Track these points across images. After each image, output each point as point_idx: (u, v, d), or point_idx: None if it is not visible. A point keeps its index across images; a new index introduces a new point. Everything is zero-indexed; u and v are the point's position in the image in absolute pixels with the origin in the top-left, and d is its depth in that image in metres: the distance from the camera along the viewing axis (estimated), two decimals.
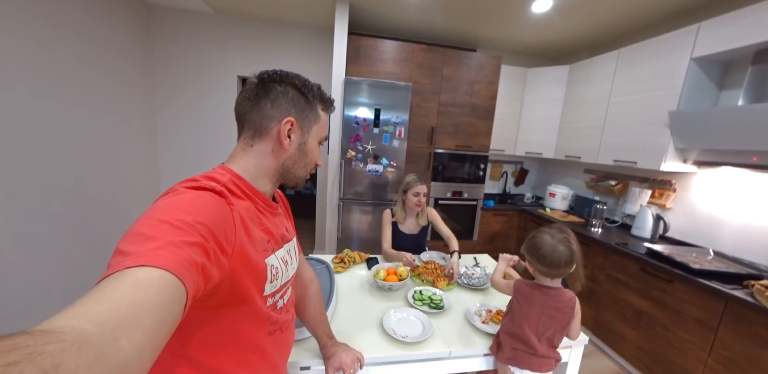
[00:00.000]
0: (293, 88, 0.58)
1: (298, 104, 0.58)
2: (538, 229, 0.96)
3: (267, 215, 0.60)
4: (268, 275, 0.55)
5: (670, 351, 1.58)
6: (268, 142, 0.58)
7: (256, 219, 0.55)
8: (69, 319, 0.24)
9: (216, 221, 0.43)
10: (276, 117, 0.57)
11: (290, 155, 0.60)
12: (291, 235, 0.70)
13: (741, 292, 1.35)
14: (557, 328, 0.92)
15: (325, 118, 0.65)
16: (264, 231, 0.56)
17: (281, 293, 0.62)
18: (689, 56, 1.82)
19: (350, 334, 1.02)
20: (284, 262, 0.62)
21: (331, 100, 0.66)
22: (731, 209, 1.80)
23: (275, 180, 0.62)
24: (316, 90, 0.62)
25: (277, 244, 0.61)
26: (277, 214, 0.65)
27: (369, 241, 2.63)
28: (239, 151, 0.59)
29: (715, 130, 1.69)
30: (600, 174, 2.65)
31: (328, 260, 1.59)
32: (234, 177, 0.55)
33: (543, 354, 0.92)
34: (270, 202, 0.62)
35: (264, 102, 0.56)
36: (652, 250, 1.77)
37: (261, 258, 0.54)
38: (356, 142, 2.45)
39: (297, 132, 0.59)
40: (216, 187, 0.48)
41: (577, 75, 2.68)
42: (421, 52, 2.55)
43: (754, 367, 1.27)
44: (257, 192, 0.58)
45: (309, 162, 0.64)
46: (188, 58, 2.72)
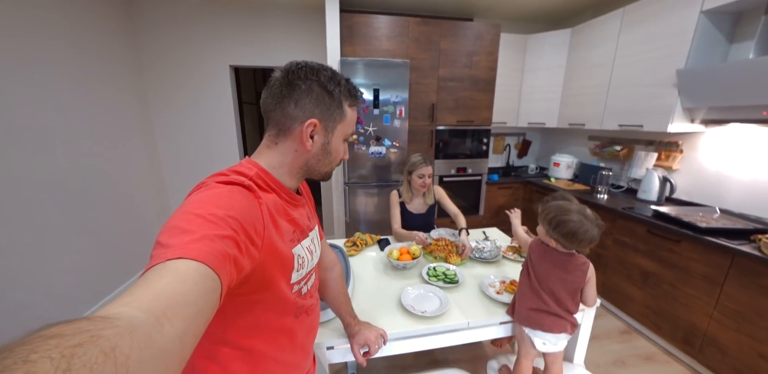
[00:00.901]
0: (318, 86, 0.56)
1: (323, 103, 0.57)
2: (561, 204, 0.92)
3: (292, 207, 0.61)
4: (295, 264, 0.58)
5: (676, 307, 1.64)
6: (291, 141, 0.58)
7: (282, 211, 0.57)
8: (121, 306, 0.26)
9: (246, 215, 0.45)
10: (299, 118, 0.56)
11: (314, 155, 0.60)
12: (314, 223, 0.72)
13: (748, 247, 1.38)
14: (568, 290, 0.94)
15: (352, 115, 0.63)
16: (290, 222, 0.59)
17: (306, 280, 0.65)
18: (699, 9, 1.72)
19: (371, 313, 1.07)
20: (309, 251, 0.64)
21: (360, 95, 0.64)
22: (738, 166, 1.79)
23: (300, 176, 0.63)
24: (343, 85, 0.59)
25: (303, 234, 0.63)
26: (302, 206, 0.66)
27: (377, 223, 2.68)
28: (264, 148, 0.60)
29: (724, 86, 1.63)
30: (604, 140, 2.61)
31: (341, 244, 1.63)
32: (260, 171, 0.56)
33: (555, 311, 0.96)
34: (294, 195, 0.63)
35: (287, 102, 0.55)
36: (659, 212, 1.78)
37: (288, 249, 0.56)
38: (357, 125, 2.41)
39: (320, 132, 0.58)
40: (245, 181, 0.50)
41: (580, 38, 2.55)
42: (416, 26, 2.43)
43: (759, 316, 1.33)
44: (282, 187, 0.59)
45: (333, 160, 0.64)
46: (176, 50, 2.62)
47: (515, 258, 1.46)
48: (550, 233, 0.92)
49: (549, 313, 0.96)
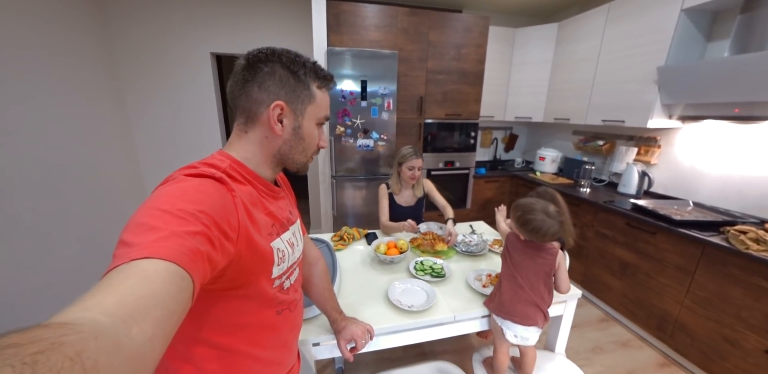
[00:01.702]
0: (281, 67, 0.54)
1: (288, 84, 0.54)
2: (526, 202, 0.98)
3: (270, 199, 0.59)
4: (275, 258, 0.56)
5: (651, 295, 1.72)
6: (260, 128, 0.56)
7: (259, 203, 0.55)
8: (82, 311, 0.25)
9: (218, 208, 0.43)
10: (264, 101, 0.53)
11: (285, 141, 0.58)
12: (295, 217, 0.70)
13: (717, 238, 1.45)
14: (540, 275, 0.98)
15: (322, 97, 0.60)
16: (268, 215, 0.57)
17: (288, 274, 0.63)
18: (680, 7, 1.75)
19: (358, 308, 1.06)
20: (290, 245, 0.63)
21: (329, 76, 0.61)
22: (711, 161, 1.87)
23: (274, 165, 0.61)
24: (309, 66, 0.57)
25: (283, 227, 0.61)
26: (280, 198, 0.64)
27: (365, 217, 2.67)
28: (235, 138, 0.57)
29: (700, 83, 1.69)
30: (588, 135, 2.66)
31: (328, 239, 1.61)
32: (233, 162, 0.54)
33: (529, 298, 0.98)
34: (272, 187, 0.61)
35: (251, 85, 0.53)
36: (637, 205, 1.84)
37: (267, 243, 0.54)
38: (344, 117, 2.37)
39: (289, 116, 0.56)
40: (215, 173, 0.48)
41: (566, 33, 2.57)
42: (405, 16, 2.37)
43: (724, 303, 1.42)
44: (258, 177, 0.57)
45: (308, 146, 0.61)
46: (152, 36, 2.47)
47: (500, 251, 1.48)
48: (519, 230, 0.99)
49: (524, 301, 0.99)
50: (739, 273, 1.36)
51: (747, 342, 1.35)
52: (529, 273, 0.99)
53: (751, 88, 1.51)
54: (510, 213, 1.02)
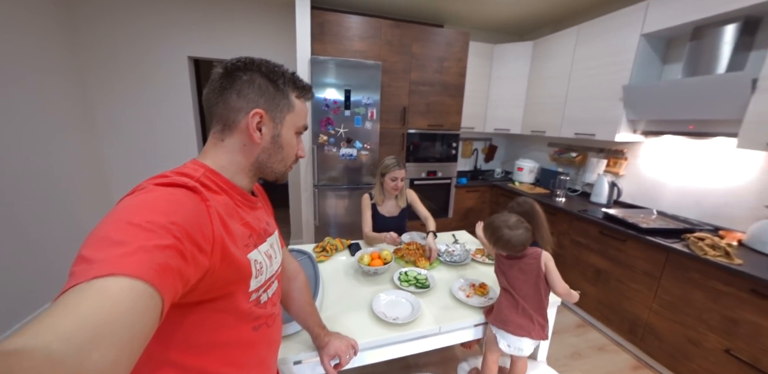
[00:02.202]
0: (260, 76, 0.54)
1: (267, 93, 0.55)
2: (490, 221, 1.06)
3: (246, 209, 0.58)
4: (252, 271, 0.54)
5: (623, 301, 1.80)
6: (238, 136, 0.55)
7: (235, 214, 0.53)
8: (34, 337, 0.23)
9: (190, 219, 0.41)
10: (243, 109, 0.53)
11: (264, 149, 0.57)
12: (273, 228, 0.68)
13: (679, 245, 1.55)
14: (530, 282, 1.01)
15: (301, 106, 0.61)
16: (245, 225, 0.55)
17: (265, 287, 0.61)
18: (639, 32, 1.91)
19: (341, 322, 1.04)
20: (268, 257, 0.61)
21: (307, 87, 0.62)
22: (671, 173, 2.02)
23: (252, 175, 0.60)
24: (288, 76, 0.58)
25: (260, 239, 0.59)
26: (257, 208, 0.62)
27: (348, 227, 2.64)
28: (211, 146, 0.56)
29: (659, 102, 1.84)
30: (562, 147, 2.81)
31: (310, 250, 1.58)
32: (208, 171, 0.52)
33: (523, 308, 1.01)
34: (248, 196, 0.59)
35: (229, 93, 0.53)
36: (608, 214, 1.95)
37: (243, 254, 0.52)
38: (327, 126, 2.36)
39: (268, 124, 0.56)
40: (188, 182, 0.45)
41: (541, 51, 2.72)
42: (389, 28, 2.43)
43: (687, 306, 1.51)
44: (234, 187, 0.55)
45: (286, 155, 0.61)
46: (124, 36, 2.37)
47: (484, 261, 1.51)
48: (494, 248, 1.05)
49: (519, 312, 1.01)
50: (699, 278, 1.46)
51: (708, 342, 1.43)
52: (521, 284, 1.02)
53: (701, 107, 1.67)
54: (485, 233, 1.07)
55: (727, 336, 1.37)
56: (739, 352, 1.33)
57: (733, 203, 1.73)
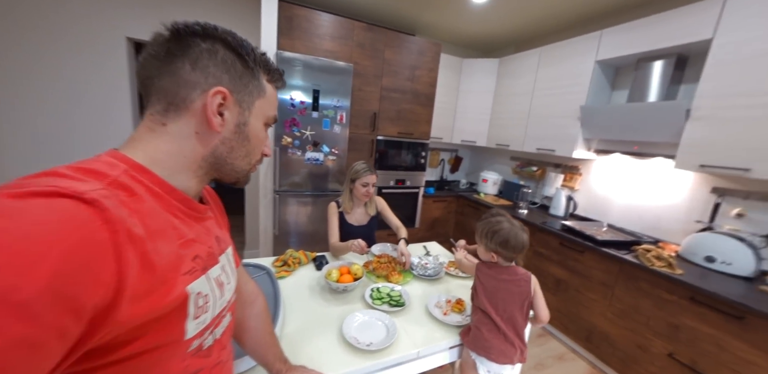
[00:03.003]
0: (225, 47, 0.42)
1: (233, 70, 0.43)
2: (491, 218, 1.02)
3: (190, 222, 0.43)
4: (190, 309, 0.39)
5: (581, 309, 1.88)
6: (188, 119, 0.41)
7: (170, 231, 0.38)
8: None
9: (70, 267, 0.26)
10: (200, 84, 0.40)
11: (224, 139, 0.44)
12: (226, 244, 0.53)
13: (630, 256, 1.66)
14: (516, 303, 0.97)
15: (273, 93, 0.50)
16: (185, 245, 0.40)
17: (212, 327, 0.46)
18: (594, 58, 2.09)
19: (306, 351, 0.89)
20: (219, 284, 0.46)
21: (280, 71, 0.50)
22: (618, 189, 2.20)
23: (203, 173, 0.45)
24: (258, 54, 0.46)
25: (210, 261, 0.44)
26: (206, 218, 0.48)
27: (311, 236, 2.45)
28: (145, 132, 0.41)
29: (609, 123, 2.01)
30: (524, 161, 2.95)
31: (268, 264, 1.39)
32: (133, 168, 0.37)
33: (505, 333, 0.95)
34: (194, 204, 0.44)
35: (180, 62, 0.40)
36: (568, 226, 2.05)
37: (180, 287, 0.37)
38: (292, 128, 2.19)
39: (233, 108, 0.44)
40: (81, 191, 0.29)
41: (506, 68, 2.87)
42: (362, 31, 2.36)
43: (637, 313, 1.60)
44: (173, 191, 0.40)
45: (252, 149, 0.49)
46: (45, 9, 1.97)
47: (457, 274, 1.46)
48: (488, 245, 0.98)
49: (501, 338, 0.95)
50: (647, 287, 1.57)
51: (654, 347, 1.53)
52: (506, 306, 0.96)
53: (643, 130, 1.86)
54: (476, 236, 1.00)
55: (670, 341, 1.48)
56: (680, 356, 1.44)
57: (670, 218, 1.92)
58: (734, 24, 1.47)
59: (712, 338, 1.33)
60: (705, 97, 1.57)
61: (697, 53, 1.70)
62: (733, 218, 1.66)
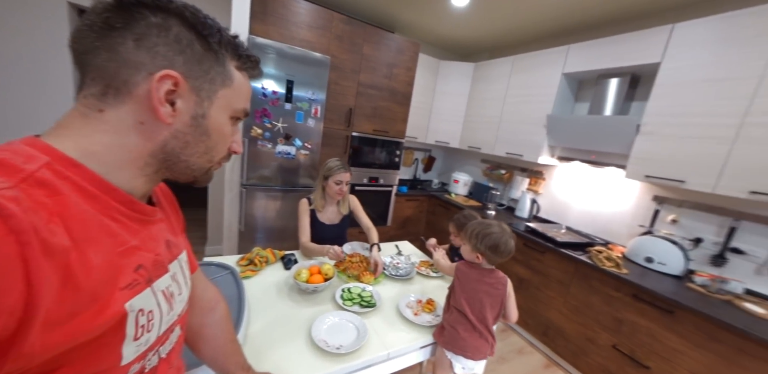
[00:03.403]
0: (181, 23, 0.35)
1: (190, 51, 0.36)
2: (479, 221, 1.05)
3: (134, 226, 0.37)
4: (129, 330, 0.34)
5: (539, 306, 2.00)
6: (132, 107, 0.35)
7: (104, 237, 0.32)
8: None
9: None
10: (145, 66, 0.34)
11: (177, 133, 0.38)
12: (179, 249, 0.48)
13: (584, 257, 1.79)
14: (492, 304, 1.00)
15: (243, 83, 0.43)
16: (124, 254, 0.34)
17: (156, 347, 0.40)
18: (561, 70, 2.21)
19: (271, 356, 0.85)
20: (167, 298, 0.41)
21: (254, 57, 0.44)
22: (576, 194, 2.37)
23: (152, 171, 0.39)
24: (226, 36, 0.40)
25: (156, 270, 0.39)
26: (156, 222, 0.42)
27: (279, 232, 2.36)
28: (77, 119, 0.34)
29: (570, 132, 2.16)
30: (493, 164, 3.07)
31: (233, 263, 1.31)
32: (59, 162, 0.30)
33: (479, 330, 0.98)
34: (138, 205, 0.38)
35: (121, 37, 0.33)
36: (530, 228, 2.16)
37: (116, 304, 0.32)
38: (263, 118, 2.07)
39: (188, 97, 0.37)
40: None
41: (480, 73, 2.95)
42: (340, 23, 2.29)
43: (589, 309, 1.74)
44: (112, 189, 0.34)
45: (214, 146, 0.42)
46: None
47: (428, 274, 1.48)
48: (477, 246, 0.98)
49: (476, 336, 0.98)
50: (598, 285, 1.70)
51: (601, 339, 1.67)
52: (482, 306, 0.98)
53: (599, 140, 2.01)
54: (464, 235, 1.01)
55: (614, 333, 1.62)
56: (622, 347, 1.58)
57: (618, 222, 2.11)
58: (678, 51, 1.64)
59: (649, 330, 1.48)
60: (652, 115, 1.73)
61: (648, 74, 1.86)
62: (669, 223, 1.85)
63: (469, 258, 1.02)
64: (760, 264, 1.54)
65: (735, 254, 1.60)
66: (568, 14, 2.19)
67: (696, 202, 1.75)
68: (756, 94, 1.38)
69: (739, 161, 1.42)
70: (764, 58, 1.36)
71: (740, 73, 1.43)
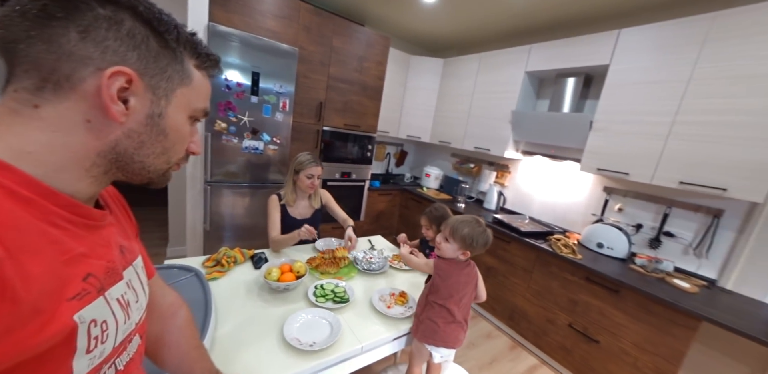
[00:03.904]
0: (135, 18, 0.33)
1: (144, 47, 0.34)
2: (456, 217, 1.08)
3: (80, 233, 0.34)
4: (80, 343, 0.32)
5: (506, 293, 2.13)
6: (75, 103, 0.32)
7: (45, 245, 0.30)
8: None
9: None
10: (93, 60, 0.31)
11: (131, 132, 0.36)
12: (133, 254, 0.45)
13: (545, 244, 1.93)
14: (469, 292, 1.06)
15: (202, 82, 0.42)
16: (70, 263, 0.32)
17: (114, 359, 0.39)
18: (524, 69, 2.32)
19: (242, 358, 0.83)
20: (123, 306, 0.39)
21: (213, 56, 0.42)
22: (538, 186, 2.52)
23: (100, 172, 0.36)
24: (184, 33, 0.38)
25: (109, 278, 0.37)
26: (105, 226, 0.39)
27: (248, 230, 2.28)
28: (5, 115, 0.31)
29: (531, 128, 2.28)
30: (463, 158, 3.17)
31: (197, 264, 1.25)
32: None
33: (459, 321, 1.03)
34: (85, 210, 0.35)
35: (62, 28, 0.30)
36: (498, 219, 2.28)
37: (63, 317, 0.30)
38: (227, 111, 1.97)
39: (143, 95, 0.35)
40: None
41: (450, 69, 3.00)
42: (308, 14, 2.21)
43: (549, 293, 1.88)
44: (53, 195, 0.31)
45: (172, 146, 0.41)
46: None
47: (401, 267, 1.51)
48: (455, 238, 1.02)
49: (454, 326, 1.02)
50: (557, 270, 1.84)
51: (559, 320, 1.82)
52: (462, 295, 1.03)
53: (557, 136, 2.15)
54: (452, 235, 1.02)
55: (570, 313, 1.77)
56: (576, 325, 1.74)
57: (575, 211, 2.28)
58: (624, 54, 1.79)
59: (599, 308, 1.64)
60: (602, 113, 1.88)
61: (600, 75, 2.00)
62: (616, 212, 2.04)
63: (453, 256, 1.04)
64: (686, 245, 1.75)
65: (667, 237, 1.81)
66: (531, 15, 2.29)
67: (638, 192, 1.94)
68: (684, 96, 1.55)
69: (671, 155, 1.60)
70: (690, 64, 1.53)
71: (672, 76, 1.60)
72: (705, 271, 1.69)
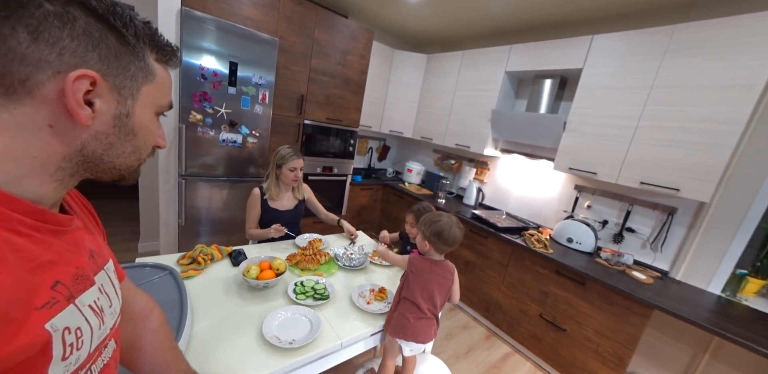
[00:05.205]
0: (87, 14, 0.31)
1: (104, 46, 0.33)
2: (432, 214, 1.11)
3: (46, 239, 0.33)
4: (55, 351, 0.31)
5: (482, 286, 2.22)
6: (34, 109, 0.31)
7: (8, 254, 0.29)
8: None
9: None
10: (50, 63, 0.30)
11: (98, 134, 0.35)
12: (104, 258, 0.44)
13: (520, 240, 2.01)
14: (440, 292, 1.09)
15: (164, 76, 0.41)
16: (36, 271, 0.31)
17: (89, 364, 0.38)
18: (504, 69, 2.36)
19: (219, 357, 0.83)
20: (97, 312, 0.38)
21: (172, 46, 0.41)
22: (515, 183, 2.61)
23: (66, 175, 0.35)
24: (141, 26, 0.36)
25: (80, 284, 0.36)
26: (70, 232, 0.38)
27: (226, 225, 2.22)
28: None
29: (511, 127, 2.34)
30: (444, 154, 3.21)
31: (172, 262, 1.21)
32: None
33: (428, 316, 1.06)
34: (50, 216, 0.34)
35: (8, 28, 0.28)
36: (475, 214, 2.35)
37: (35, 326, 0.29)
38: (203, 102, 1.88)
39: (108, 96, 0.34)
40: None
41: (433, 66, 3.01)
42: (290, 3, 2.13)
43: (522, 285, 1.97)
44: (13, 201, 0.31)
45: (141, 144, 0.40)
46: None
47: (381, 263, 1.53)
48: (425, 232, 1.06)
49: (424, 321, 1.05)
50: (530, 264, 1.94)
51: (531, 310, 1.93)
52: (432, 294, 1.05)
53: (533, 135, 2.23)
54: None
55: (541, 304, 1.88)
56: (546, 315, 1.84)
57: (548, 208, 2.38)
58: (596, 59, 1.86)
59: (566, 299, 1.75)
60: (575, 114, 1.96)
61: (574, 77, 2.08)
62: (585, 209, 2.16)
63: (420, 246, 1.08)
64: (644, 240, 1.89)
65: (629, 232, 1.94)
66: (511, 16, 2.32)
67: (604, 191, 2.06)
68: (647, 102, 1.66)
69: (634, 157, 1.71)
70: (653, 73, 1.63)
71: (637, 83, 1.69)
72: (659, 264, 1.83)
